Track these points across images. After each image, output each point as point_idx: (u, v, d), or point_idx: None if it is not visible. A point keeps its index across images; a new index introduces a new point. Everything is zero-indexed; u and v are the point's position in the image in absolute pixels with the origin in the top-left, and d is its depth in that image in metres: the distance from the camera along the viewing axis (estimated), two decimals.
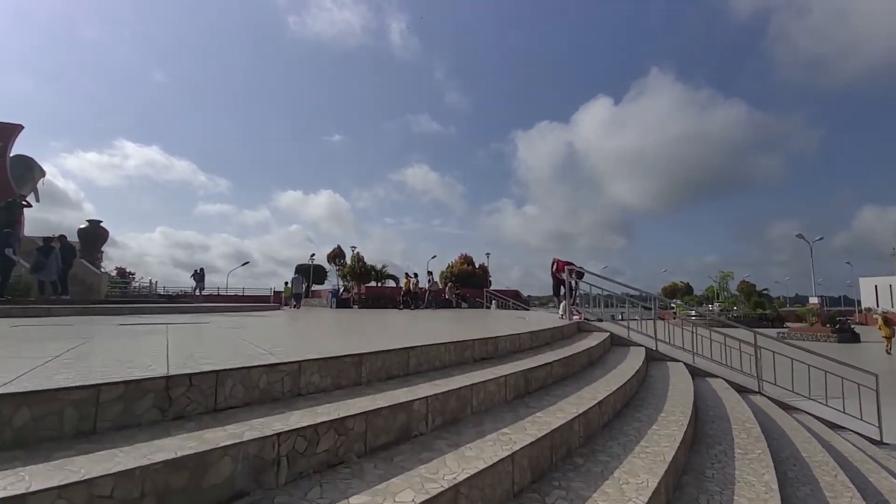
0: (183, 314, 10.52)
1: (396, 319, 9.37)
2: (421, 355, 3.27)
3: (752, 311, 36.06)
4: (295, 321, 7.83)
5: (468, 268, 25.56)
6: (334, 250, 24.77)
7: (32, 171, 24.74)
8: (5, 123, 16.30)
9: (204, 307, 11.85)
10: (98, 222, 17.55)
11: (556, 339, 5.98)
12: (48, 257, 11.70)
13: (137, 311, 9.96)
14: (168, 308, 10.80)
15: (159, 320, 7.15)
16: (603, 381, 4.15)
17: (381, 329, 5.80)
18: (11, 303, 10.51)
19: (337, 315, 12.13)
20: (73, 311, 9.04)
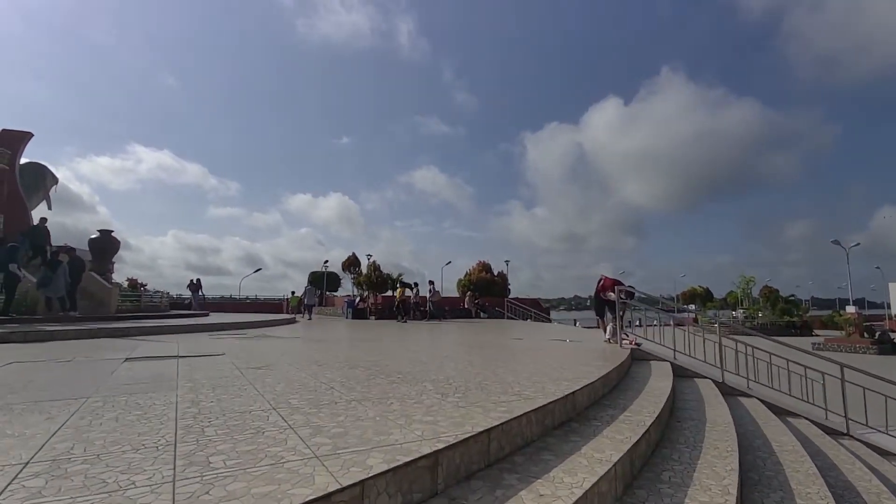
0: (195, 333, 9.88)
1: (425, 341, 8.62)
2: (502, 436, 2.51)
3: (779, 319, 34.71)
4: (319, 352, 7.11)
5: (486, 275, 24.72)
6: (349, 258, 24.02)
7: (45, 179, 24.43)
8: (14, 131, 15.87)
9: (217, 323, 11.21)
10: (109, 232, 17.04)
11: (620, 377, 5.19)
12: (55, 272, 11.15)
13: (147, 331, 9.33)
14: (179, 326, 10.16)
15: (170, 349, 6.47)
16: (712, 448, 3.35)
17: (423, 364, 5.05)
18: (15, 321, 9.96)
19: (357, 332, 11.41)
20: (79, 332, 8.42)
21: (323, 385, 3.67)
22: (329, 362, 5.10)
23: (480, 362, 5.23)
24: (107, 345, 7.15)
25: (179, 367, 4.75)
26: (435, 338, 9.76)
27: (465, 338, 9.83)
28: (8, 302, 10.27)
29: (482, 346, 7.75)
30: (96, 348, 6.64)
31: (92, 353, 6.07)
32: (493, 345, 7.92)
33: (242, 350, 6.50)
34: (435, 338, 9.76)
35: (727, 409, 4.67)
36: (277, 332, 10.61)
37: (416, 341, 8.61)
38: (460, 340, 9.01)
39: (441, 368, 4.68)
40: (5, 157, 15.13)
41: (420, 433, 2.30)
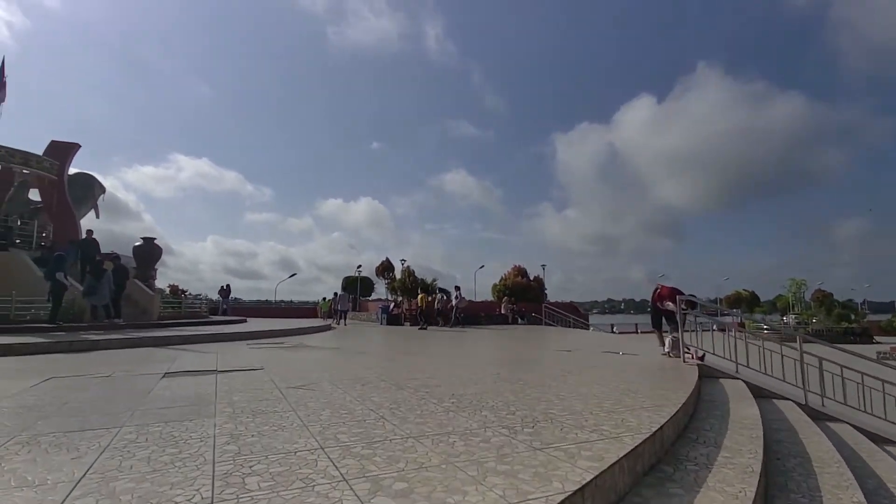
0: (233, 342, 9.80)
1: (467, 352, 8.21)
2: (596, 493, 2.06)
3: (836, 325, 32.56)
4: (360, 367, 6.80)
5: (522, 280, 24.09)
6: (383, 263, 23.82)
7: (93, 189, 25.42)
8: (63, 143, 16.46)
9: (254, 332, 11.13)
10: (152, 239, 17.43)
11: (696, 401, 4.63)
12: (100, 280, 11.32)
13: (187, 340, 9.28)
14: (217, 335, 10.10)
15: (208, 362, 6.29)
16: (834, 500, 2.80)
17: (474, 384, 4.64)
18: (62, 330, 10.11)
19: (394, 341, 11.12)
20: (122, 342, 8.42)
21: (371, 413, 3.31)
22: (373, 381, 4.75)
23: (536, 382, 4.78)
24: (147, 356, 7.06)
25: (218, 384, 4.51)
26: (477, 348, 9.34)
27: (508, 348, 9.38)
28: (55, 310, 10.46)
29: (531, 360, 7.28)
30: (137, 360, 6.54)
31: (132, 365, 5.94)
32: (542, 359, 7.44)
33: (281, 363, 6.25)
34: (477, 348, 9.34)
35: (828, 443, 4.05)
36: (314, 341, 10.42)
37: (458, 353, 8.21)
38: (505, 352, 8.57)
39: (497, 390, 4.25)
40: (54, 168, 15.67)
41: (501, 492, 1.89)
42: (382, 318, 20.25)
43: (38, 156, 15.17)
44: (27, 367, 5.73)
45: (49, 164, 15.45)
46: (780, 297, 44.51)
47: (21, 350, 7.20)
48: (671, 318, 7.16)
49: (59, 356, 7.07)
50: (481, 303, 26.03)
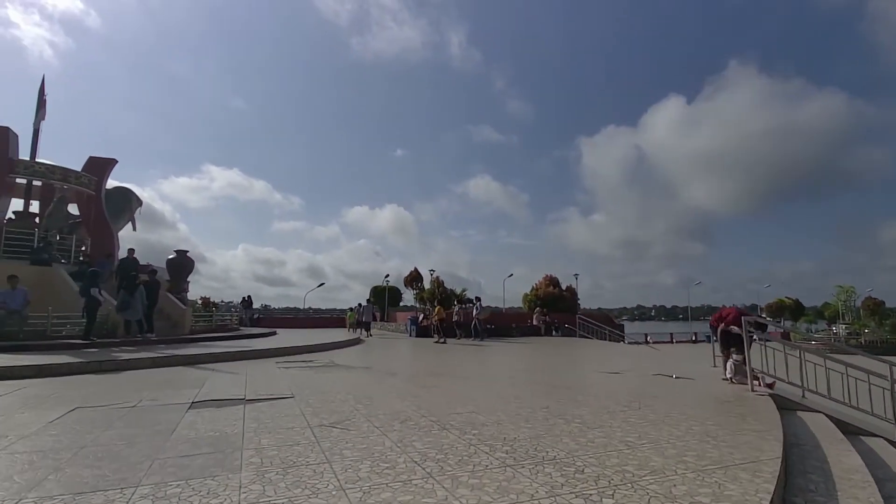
0: (263, 359, 9.57)
1: (504, 374, 7.71)
2: None
3: (891, 336, 30.45)
4: (396, 396, 6.41)
5: (554, 290, 23.36)
6: (412, 273, 23.45)
7: (130, 202, 26.03)
8: (100, 158, 16.81)
9: (283, 348, 10.90)
10: (185, 252, 17.61)
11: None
12: (133, 295, 11.33)
13: (217, 358, 9.10)
14: (247, 352, 9.90)
15: (237, 386, 6.00)
16: None
17: (526, 423, 4.16)
18: (96, 346, 10.10)
19: (425, 357, 10.68)
20: (154, 360, 8.27)
21: (416, 467, 2.87)
22: (412, 416, 4.33)
23: (594, 420, 4.26)
24: (176, 377, 6.84)
25: (246, 419, 4.17)
26: (513, 368, 8.83)
27: (548, 369, 8.84)
28: (89, 326, 10.48)
29: (578, 387, 6.73)
30: (165, 383, 6.31)
31: (160, 390, 5.70)
32: (590, 385, 6.88)
33: (312, 389, 5.90)
34: (513, 368, 8.83)
35: None
36: (344, 358, 10.09)
37: (495, 374, 7.72)
38: (545, 374, 8.04)
39: (553, 432, 3.76)
40: (92, 183, 15.98)
41: None
42: (411, 330, 19.89)
43: (77, 171, 15.51)
44: (55, 393, 5.55)
45: (87, 179, 15.77)
46: (827, 304, 42.11)
47: (52, 371, 7.09)
48: (736, 341, 6.51)
49: (89, 377, 6.93)
50: (512, 313, 25.45)
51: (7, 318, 10.12)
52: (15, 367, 6.91)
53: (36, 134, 15.86)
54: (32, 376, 6.82)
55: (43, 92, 16.12)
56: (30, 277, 12.90)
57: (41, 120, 16.06)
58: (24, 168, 14.40)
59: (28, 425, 4.00)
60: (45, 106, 16.10)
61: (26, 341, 9.97)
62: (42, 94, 16.09)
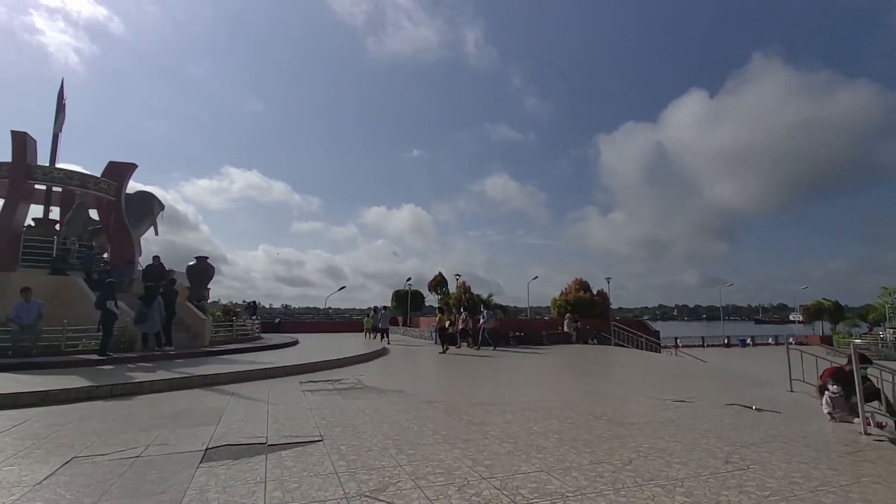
0: (285, 379, 8.89)
1: (553, 399, 6.83)
2: None
3: None
4: (441, 440, 5.62)
5: (585, 294, 22.28)
6: (436, 278, 22.52)
7: (152, 206, 25.89)
8: (120, 163, 16.46)
9: (306, 364, 10.22)
10: (205, 258, 17.18)
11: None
12: (150, 307, 10.80)
13: (237, 378, 8.45)
14: (269, 370, 9.24)
15: (258, 422, 5.28)
16: None
17: (616, 480, 3.32)
18: (111, 362, 9.57)
19: (459, 373, 9.86)
20: (168, 383, 7.64)
21: None
22: (469, 480, 3.51)
23: (704, 495, 3.38)
24: (192, 407, 6.17)
25: (267, 486, 3.41)
26: (561, 393, 7.95)
27: (601, 393, 7.93)
28: (105, 341, 9.96)
29: (650, 426, 5.82)
30: (180, 416, 5.64)
31: (171, 428, 5.02)
32: (664, 425, 5.97)
33: (343, 428, 5.14)
34: (561, 393, 7.95)
35: None
36: (372, 376, 9.35)
37: (541, 402, 6.85)
38: (601, 401, 7.13)
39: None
40: (112, 188, 15.61)
41: None
42: (436, 337, 19.09)
43: (96, 177, 15.16)
44: (56, 430, 4.92)
45: (107, 184, 15.42)
46: (871, 307, 39.84)
47: (58, 398, 6.50)
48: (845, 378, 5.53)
49: (98, 405, 6.32)
50: (540, 320, 24.47)
51: (20, 333, 9.67)
52: (19, 393, 6.33)
53: (55, 139, 15.57)
54: (37, 404, 6.23)
55: (62, 96, 15.83)
56: (48, 287, 12.53)
57: (61, 124, 15.76)
58: (43, 174, 14.08)
59: (11, 488, 3.33)
60: (64, 110, 15.81)
61: (40, 357, 9.51)
62: (61, 98, 15.80)
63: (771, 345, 43.43)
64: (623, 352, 17.24)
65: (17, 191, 13.74)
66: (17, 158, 13.70)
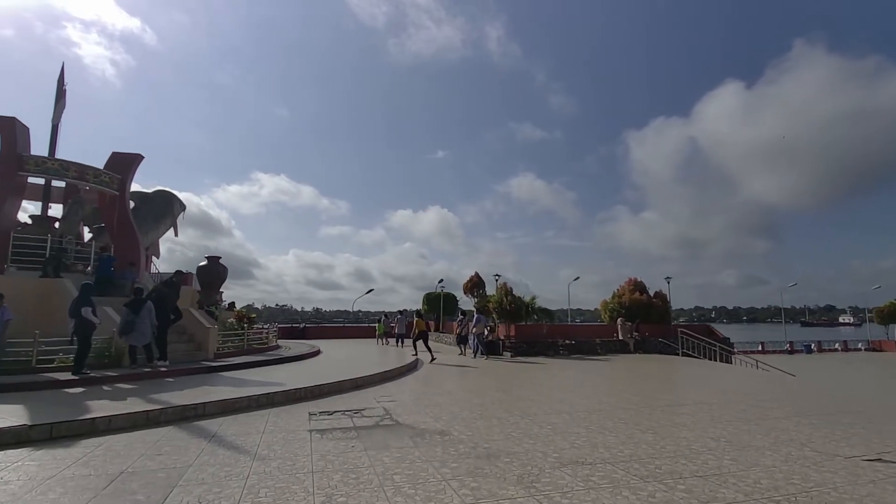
0: (291, 407, 6.89)
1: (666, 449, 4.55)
2: None
3: None
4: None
5: (641, 296, 19.62)
6: (472, 279, 20.20)
7: (172, 206, 24.55)
8: (124, 154, 14.93)
9: (321, 385, 8.19)
10: (217, 258, 15.54)
11: None
12: (139, 314, 9.01)
13: (226, 408, 6.48)
14: (272, 395, 7.23)
15: (232, 487, 3.21)
16: None
17: None
18: (88, 382, 7.77)
19: (508, 394, 7.61)
20: (130, 419, 5.71)
21: None
22: None
23: None
24: (143, 469, 4.15)
25: None
26: (675, 439, 5.61)
27: (730, 443, 5.57)
28: (81, 357, 8.20)
29: None
30: (128, 478, 3.63)
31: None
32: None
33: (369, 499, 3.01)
34: (675, 439, 5.61)
35: None
36: (403, 403, 7.25)
37: (641, 455, 4.56)
38: (732, 457, 4.79)
39: None
40: (115, 182, 14.08)
41: None
42: (475, 346, 16.88)
43: (97, 168, 13.64)
44: None
45: (109, 177, 13.89)
46: None
47: None
48: None
49: (19, 454, 4.41)
50: (588, 325, 21.95)
51: None
52: None
53: (55, 130, 14.17)
54: None
55: (62, 82, 14.44)
56: (36, 292, 10.99)
57: (60, 113, 14.36)
58: (35, 165, 12.59)
59: None
60: (64, 97, 14.40)
61: (4, 375, 7.81)
62: (61, 83, 14.40)
63: (838, 350, 39.24)
64: (692, 363, 14.60)
65: (6, 183, 12.31)
66: (6, 147, 12.27)
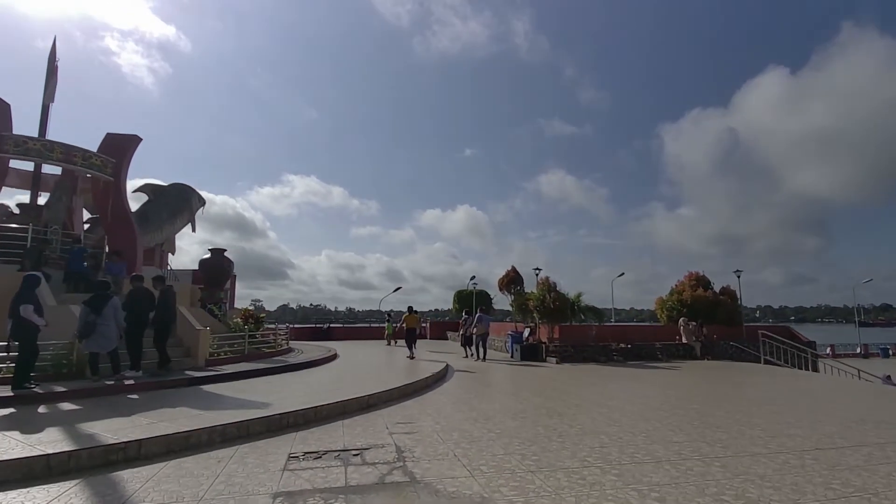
0: (267, 440, 4.93)
1: None
2: None
3: None
4: None
5: (706, 293, 16.90)
6: (508, 274, 17.98)
7: (190, 201, 23.31)
8: (120, 135, 13.46)
9: (318, 408, 6.22)
10: (222, 251, 13.92)
11: None
12: (102, 313, 7.28)
13: (174, 448, 4.56)
14: (245, 424, 5.28)
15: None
16: None
17: None
18: (22, 400, 6.05)
19: (595, 435, 5.42)
20: (22, 468, 3.86)
21: None
22: None
23: None
24: None
25: None
26: None
27: None
28: (22, 367, 6.51)
29: None
30: None
31: None
32: None
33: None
34: None
35: None
36: (425, 436, 5.18)
37: None
38: None
39: None
40: (108, 166, 12.61)
41: None
42: (514, 350, 14.70)
43: (87, 151, 12.19)
44: None
45: (101, 161, 12.43)
46: None
47: None
48: None
49: None
50: (651, 327, 19.36)
51: None
52: None
53: (45, 111, 12.82)
54: None
55: (54, 58, 13.08)
56: (13, 287, 9.51)
57: (52, 93, 13.02)
58: (15, 145, 11.21)
59: None
60: (56, 74, 13.04)
61: None
62: (53, 60, 13.05)
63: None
64: (779, 372, 11.93)
65: None
66: None
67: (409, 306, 14.53)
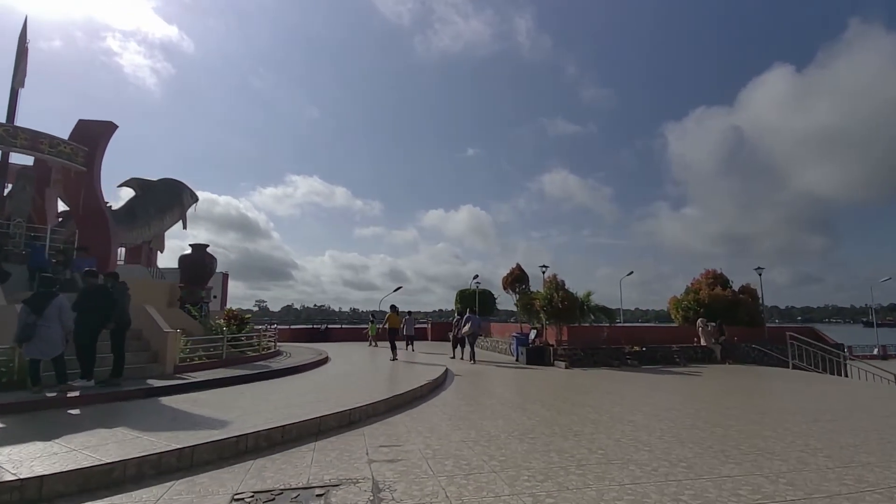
0: (218, 471, 3.91)
1: None
2: None
3: None
4: None
5: (724, 292, 15.77)
6: (513, 272, 16.97)
7: (181, 196, 22.31)
8: (94, 122, 12.50)
9: (287, 427, 5.21)
10: (204, 247, 12.95)
11: None
12: (43, 314, 6.30)
13: (91, 484, 3.56)
14: (191, 451, 4.27)
15: None
16: None
17: None
18: None
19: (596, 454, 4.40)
20: None
21: None
22: None
23: None
24: None
25: None
26: None
27: None
28: None
29: None
30: None
31: None
32: None
33: None
34: None
35: None
36: (412, 465, 4.16)
37: None
38: None
39: None
40: (79, 154, 11.66)
41: None
42: (519, 353, 13.67)
43: (55, 138, 11.26)
44: None
45: (72, 149, 11.49)
46: None
47: None
48: None
49: None
50: (666, 328, 18.27)
51: None
52: None
53: (14, 95, 11.89)
54: None
55: (24, 38, 12.15)
56: None
57: (23, 77, 12.09)
58: None
59: None
60: (26, 57, 12.11)
61: None
62: (23, 41, 12.12)
63: None
64: (824, 381, 10.84)
65: None
66: None
67: (392, 305, 13.89)
